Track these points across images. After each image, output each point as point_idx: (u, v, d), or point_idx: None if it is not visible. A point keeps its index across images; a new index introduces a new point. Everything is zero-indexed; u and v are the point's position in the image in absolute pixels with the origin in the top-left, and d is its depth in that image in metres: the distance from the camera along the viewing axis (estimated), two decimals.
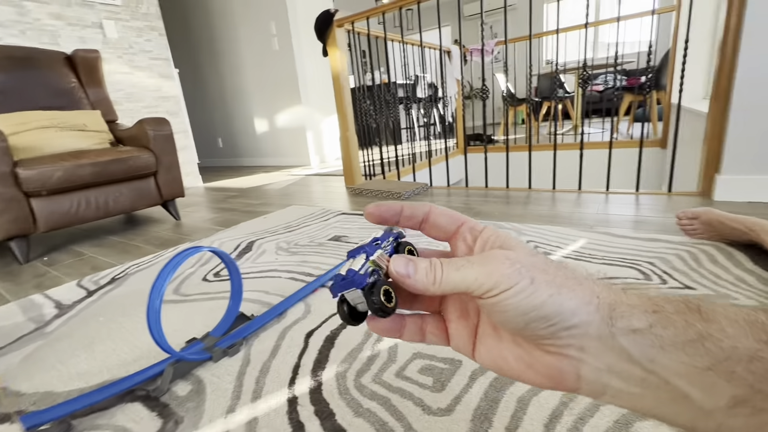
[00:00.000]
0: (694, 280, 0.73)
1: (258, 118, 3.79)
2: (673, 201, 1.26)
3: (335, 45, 1.96)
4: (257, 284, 0.93)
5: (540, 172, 2.68)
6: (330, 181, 2.49)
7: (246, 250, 1.21)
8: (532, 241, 1.01)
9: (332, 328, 0.70)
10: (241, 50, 3.63)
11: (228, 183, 2.87)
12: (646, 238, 0.95)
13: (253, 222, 1.56)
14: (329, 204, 1.78)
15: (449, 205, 1.52)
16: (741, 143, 1.13)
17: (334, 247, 1.15)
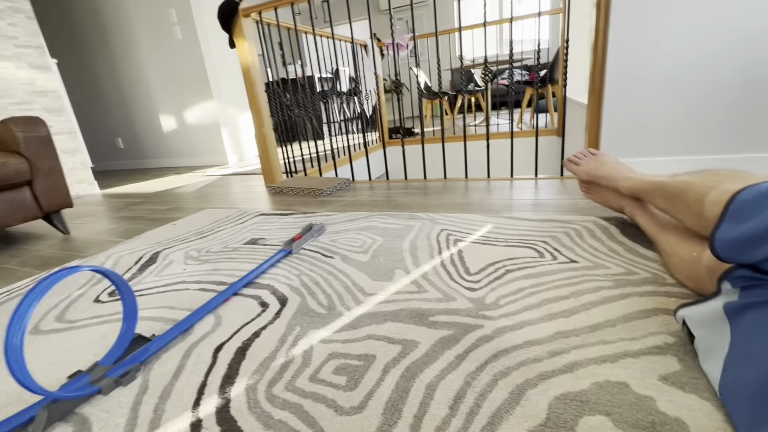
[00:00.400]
0: (577, 254, 0.83)
1: (164, 115, 3.44)
2: (565, 184, 1.42)
3: (242, 36, 1.85)
4: (161, 300, 0.85)
5: (456, 162, 2.83)
6: (249, 180, 2.37)
7: (149, 262, 1.09)
8: (446, 229, 1.06)
9: (244, 338, 0.66)
10: (137, 39, 3.25)
11: (131, 188, 2.58)
12: (541, 219, 1.06)
13: (160, 230, 1.42)
14: (248, 205, 1.69)
15: (371, 198, 1.54)
16: (614, 131, 1.31)
17: (249, 251, 1.09)
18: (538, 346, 0.56)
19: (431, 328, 0.63)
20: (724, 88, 1.18)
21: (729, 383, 0.41)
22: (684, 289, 0.65)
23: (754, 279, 0.44)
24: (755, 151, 1.21)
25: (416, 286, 0.78)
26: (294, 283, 0.85)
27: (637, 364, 0.50)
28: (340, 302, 0.75)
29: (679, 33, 1.17)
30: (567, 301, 0.66)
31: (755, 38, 1.12)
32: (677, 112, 1.24)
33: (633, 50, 1.23)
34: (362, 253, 0.97)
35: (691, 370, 0.48)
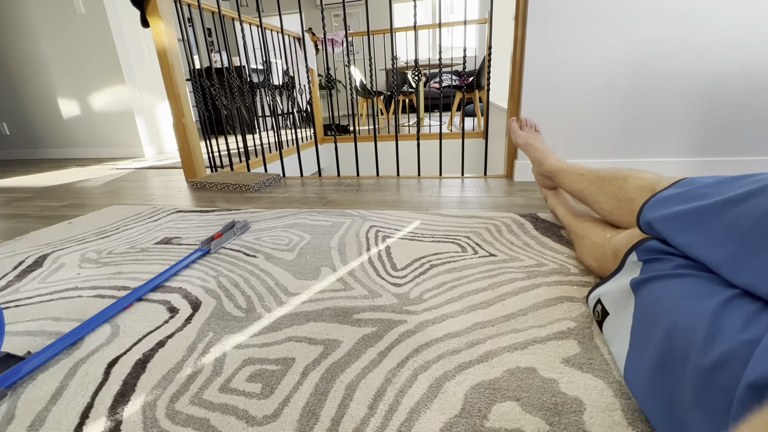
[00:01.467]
0: (496, 248, 0.87)
1: (64, 99, 3.00)
2: (488, 182, 1.50)
3: (158, 14, 1.67)
4: (44, 310, 0.73)
5: (390, 160, 2.87)
6: (168, 174, 2.16)
7: (33, 266, 0.93)
8: (375, 226, 1.06)
9: (146, 349, 0.59)
10: (27, 11, 2.79)
11: (18, 181, 2.21)
12: (466, 216, 1.10)
13: (52, 229, 1.22)
14: (164, 201, 1.53)
15: (302, 195, 1.49)
16: None
17: (161, 251, 0.98)
18: (458, 338, 0.57)
19: (355, 326, 0.61)
20: (618, 99, 1.34)
21: (630, 367, 0.44)
22: (585, 277, 0.72)
23: (659, 252, 0.49)
24: (644, 156, 1.38)
25: (342, 283, 0.76)
26: (210, 285, 0.78)
27: (543, 349, 0.53)
28: (261, 304, 0.70)
29: (581, 48, 1.30)
30: (485, 293, 0.69)
31: (643, 55, 1.28)
32: (579, 119, 1.37)
33: (545, 61, 1.34)
34: (288, 251, 0.93)
35: (589, 351, 0.53)
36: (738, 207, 0.39)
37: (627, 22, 1.25)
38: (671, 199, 0.50)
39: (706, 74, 1.26)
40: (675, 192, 0.51)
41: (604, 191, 0.70)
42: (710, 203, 0.43)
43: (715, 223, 0.41)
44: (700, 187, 0.47)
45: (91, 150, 3.11)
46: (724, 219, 0.40)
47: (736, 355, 0.30)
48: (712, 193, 0.44)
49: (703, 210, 0.43)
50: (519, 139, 1.13)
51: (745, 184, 0.41)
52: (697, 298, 0.38)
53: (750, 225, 0.37)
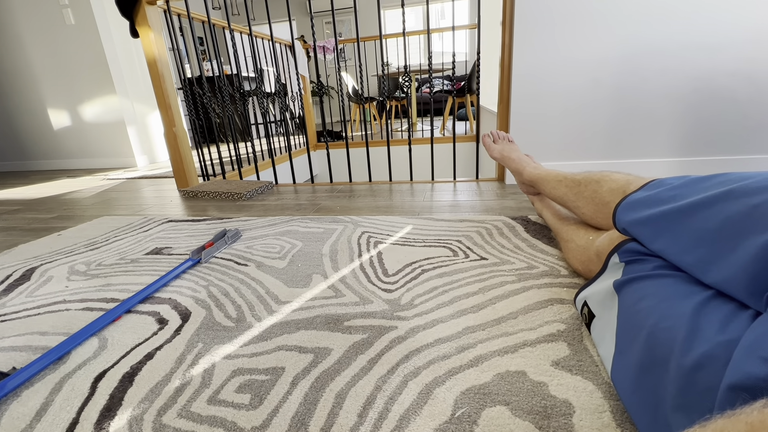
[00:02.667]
0: (487, 251, 0.87)
1: (55, 110, 2.99)
2: (480, 186, 1.51)
3: (147, 24, 1.67)
4: (30, 324, 0.72)
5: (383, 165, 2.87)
6: (160, 184, 2.15)
7: (21, 280, 0.92)
8: (367, 232, 1.06)
9: (134, 362, 0.58)
10: (15, 22, 2.78)
11: (7, 193, 2.18)
12: (457, 219, 1.10)
13: (40, 242, 1.21)
14: (155, 211, 1.52)
15: (295, 202, 1.48)
16: (520, 137, 1.42)
17: (151, 262, 0.98)
18: (448, 343, 0.57)
19: (345, 333, 0.61)
20: (605, 100, 1.35)
21: (617, 369, 0.44)
22: (575, 279, 0.72)
23: (638, 254, 0.49)
24: (632, 157, 1.40)
25: (333, 290, 0.76)
26: (200, 295, 0.78)
27: (533, 352, 0.54)
28: (251, 313, 0.70)
29: (568, 51, 1.32)
30: (476, 297, 0.69)
31: (628, 56, 1.29)
32: (568, 121, 1.39)
33: (533, 64, 1.35)
34: (279, 259, 0.92)
35: (579, 353, 0.53)
36: (703, 211, 0.40)
37: (611, 24, 1.27)
38: (641, 202, 0.51)
39: (688, 75, 1.29)
40: (645, 195, 0.52)
41: (581, 196, 0.71)
42: (678, 206, 0.44)
43: (683, 228, 0.42)
44: (668, 189, 0.49)
45: (82, 161, 3.09)
46: (691, 223, 0.41)
47: (716, 356, 0.31)
48: (679, 196, 0.45)
49: (671, 214, 0.44)
50: (494, 153, 1.14)
51: (711, 186, 0.42)
52: (676, 298, 0.39)
53: (714, 229, 0.38)
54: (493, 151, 1.15)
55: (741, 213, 0.36)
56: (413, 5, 6.18)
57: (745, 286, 0.34)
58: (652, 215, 0.47)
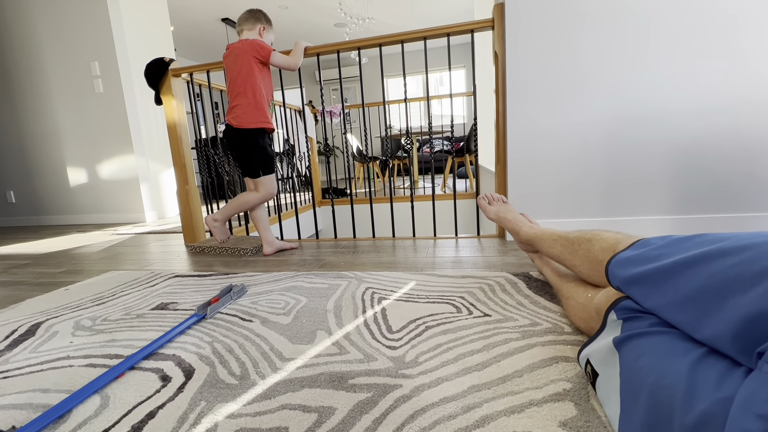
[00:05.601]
0: (491, 308, 0.88)
1: (73, 168, 3.14)
2: (482, 242, 1.54)
3: (171, 94, 1.83)
4: (33, 381, 0.71)
5: (386, 221, 2.93)
6: (167, 239, 2.19)
7: (26, 335, 0.93)
8: (371, 288, 1.07)
9: (134, 421, 0.58)
10: (49, 89, 3.04)
11: (18, 248, 2.23)
12: (460, 276, 1.12)
13: (47, 296, 1.22)
14: (162, 266, 1.54)
15: (299, 258, 1.51)
16: (518, 195, 1.48)
17: (156, 317, 0.98)
18: (454, 402, 0.56)
19: (350, 392, 0.61)
20: (594, 165, 1.43)
21: (624, 430, 0.44)
22: (578, 336, 0.72)
23: (634, 311, 0.51)
24: (625, 215, 1.44)
25: (338, 347, 0.76)
26: (204, 352, 0.78)
27: (540, 412, 0.53)
28: (255, 370, 0.69)
29: (557, 118, 1.42)
30: (480, 354, 0.69)
31: (614, 125, 1.39)
32: (562, 181, 1.46)
33: (526, 129, 1.45)
34: (284, 315, 0.93)
35: (586, 414, 0.52)
36: (686, 271, 0.44)
37: (600, 91, 1.39)
38: (630, 261, 0.54)
39: (676, 138, 1.37)
40: (633, 253, 0.55)
41: (577, 255, 0.73)
42: (662, 265, 0.47)
43: (670, 287, 0.45)
44: (653, 249, 0.52)
45: (93, 216, 3.18)
46: (677, 282, 0.44)
47: (715, 413, 0.32)
48: (663, 255, 0.49)
49: (657, 273, 0.47)
50: (490, 214, 1.20)
51: (691, 246, 0.46)
52: (672, 355, 0.40)
53: (698, 288, 0.41)
54: (489, 213, 1.20)
55: (720, 273, 0.39)
56: (413, 74, 6.69)
57: (733, 345, 0.35)
58: (641, 273, 0.50)
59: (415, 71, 6.58)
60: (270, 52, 1.51)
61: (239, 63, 1.49)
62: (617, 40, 1.35)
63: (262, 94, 1.52)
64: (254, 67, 1.49)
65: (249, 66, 1.48)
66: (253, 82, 1.49)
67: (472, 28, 1.50)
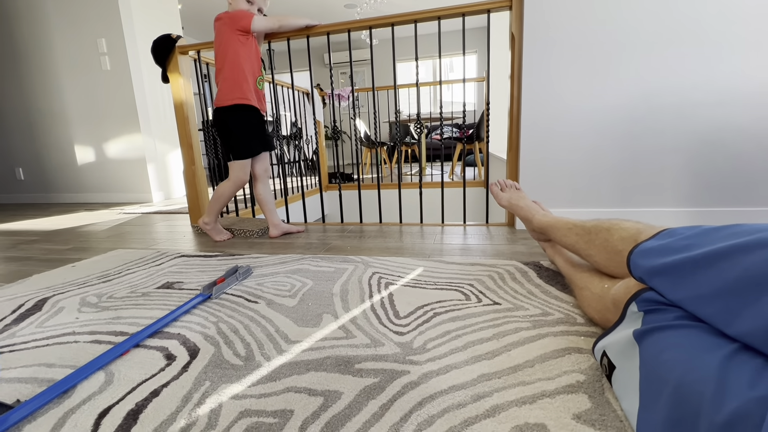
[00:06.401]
0: (500, 296, 0.86)
1: (81, 146, 3.14)
2: (490, 230, 1.51)
3: (178, 72, 1.80)
4: (39, 356, 0.71)
5: (393, 208, 2.91)
6: (174, 219, 2.19)
7: (33, 310, 0.93)
8: (378, 273, 1.05)
9: (139, 399, 0.57)
10: (56, 67, 3.01)
11: (26, 224, 2.24)
12: (468, 263, 1.10)
13: (54, 272, 1.22)
14: (168, 246, 1.54)
15: (305, 241, 1.50)
16: (530, 184, 1.45)
17: (162, 296, 0.98)
18: (463, 391, 0.55)
19: (356, 377, 0.59)
20: (613, 151, 1.38)
21: (642, 424, 0.42)
22: (592, 327, 0.70)
23: (657, 303, 0.49)
24: (641, 206, 1.40)
25: (344, 331, 0.74)
26: (209, 332, 0.77)
27: (553, 404, 0.51)
28: (260, 352, 0.68)
29: (574, 104, 1.37)
30: (490, 342, 0.67)
31: (632, 113, 1.34)
32: (577, 170, 1.42)
33: (540, 116, 1.41)
34: (290, 298, 0.92)
35: (601, 407, 0.50)
36: (720, 263, 0.41)
37: (617, 78, 1.34)
38: (655, 251, 0.51)
39: (695, 129, 1.32)
40: (658, 243, 0.52)
41: (593, 244, 0.71)
42: (693, 256, 0.44)
43: (701, 278, 0.42)
44: (681, 239, 0.49)
45: (101, 195, 3.19)
46: (708, 274, 0.41)
47: (749, 413, 0.30)
48: (693, 245, 0.46)
49: (687, 264, 0.44)
50: (503, 201, 1.16)
51: (723, 237, 0.43)
52: (701, 350, 0.38)
53: (733, 281, 0.38)
54: (501, 200, 1.17)
55: (756, 265, 0.36)
56: (424, 59, 6.56)
57: None
58: (668, 264, 0.47)
59: (424, 56, 6.45)
60: (249, 20, 1.39)
61: (218, 40, 1.42)
62: (639, 26, 1.29)
63: (241, 69, 1.41)
64: (234, 41, 1.40)
65: (227, 40, 1.40)
66: (231, 58, 1.40)
67: (489, 8, 1.44)
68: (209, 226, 1.57)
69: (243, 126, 1.46)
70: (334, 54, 6.59)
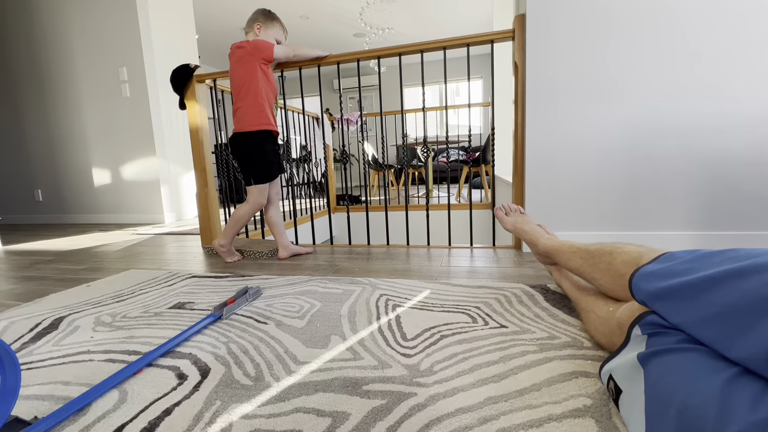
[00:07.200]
0: (507, 319, 0.87)
1: (98, 169, 3.24)
2: (497, 253, 1.52)
3: (194, 99, 1.88)
4: (55, 374, 0.73)
5: (400, 229, 2.93)
6: (185, 240, 2.23)
7: (49, 329, 0.95)
8: (385, 295, 1.07)
9: (151, 417, 0.58)
10: (78, 94, 3.16)
11: (43, 245, 2.30)
12: (475, 286, 1.11)
13: (70, 292, 1.26)
14: (179, 266, 1.57)
15: (313, 262, 1.52)
16: (535, 207, 1.47)
17: (174, 316, 1.00)
18: (470, 414, 0.55)
19: (364, 398, 0.60)
20: (614, 177, 1.40)
21: None
22: (599, 351, 0.71)
23: (660, 327, 0.49)
24: (646, 229, 1.41)
25: (352, 352, 0.75)
26: (220, 352, 0.78)
27: (560, 428, 0.51)
28: (269, 372, 0.70)
29: (577, 130, 1.41)
30: (497, 366, 0.68)
31: (635, 139, 1.37)
32: (582, 193, 1.43)
33: (545, 140, 1.44)
34: (298, 319, 0.93)
35: (608, 431, 0.50)
36: (718, 287, 0.42)
37: (620, 103, 1.37)
38: (655, 275, 0.53)
39: (697, 154, 1.34)
40: (658, 267, 0.53)
41: (597, 268, 0.72)
42: (691, 280, 0.45)
43: (700, 303, 0.43)
44: (681, 263, 0.50)
45: (115, 216, 3.26)
46: (707, 298, 0.42)
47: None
48: (692, 269, 0.47)
49: (686, 288, 0.45)
50: (507, 225, 1.18)
51: (722, 261, 0.44)
52: (703, 373, 0.39)
53: (731, 305, 0.39)
54: (506, 224, 1.19)
55: (755, 289, 0.38)
56: (430, 84, 6.73)
57: None
58: (668, 288, 0.48)
59: (430, 81, 6.61)
60: (271, 51, 1.47)
61: (242, 66, 1.48)
62: (640, 52, 1.34)
63: (264, 97, 1.49)
64: (258, 70, 1.47)
65: (252, 68, 1.47)
66: (255, 85, 1.47)
67: (493, 39, 1.50)
68: (224, 249, 1.59)
69: (266, 151, 1.51)
70: (342, 80, 6.80)
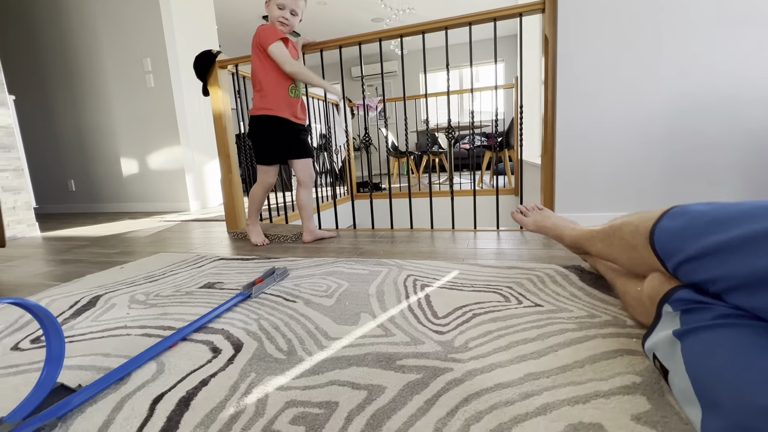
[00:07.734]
0: (542, 298, 0.84)
1: (126, 159, 3.34)
2: (525, 236, 1.48)
3: (217, 85, 1.89)
4: (95, 346, 0.75)
5: (421, 216, 2.90)
6: (211, 226, 2.28)
7: (87, 306, 0.98)
8: (412, 275, 1.05)
9: (189, 387, 0.59)
10: (106, 85, 3.24)
11: (77, 231, 2.39)
12: (505, 266, 1.08)
13: (105, 273, 1.30)
14: (207, 250, 1.60)
15: (338, 246, 1.51)
16: (565, 189, 1.41)
17: (204, 295, 1.01)
18: (510, 389, 0.53)
19: (399, 372, 0.59)
20: (652, 155, 1.33)
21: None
22: (643, 330, 0.67)
23: (693, 302, 0.46)
24: None
25: (383, 329, 0.74)
26: (251, 328, 0.79)
27: (608, 404, 0.49)
28: (301, 347, 0.69)
29: (611, 107, 1.34)
30: (534, 343, 0.65)
31: (675, 114, 1.29)
32: (616, 172, 1.37)
33: (576, 119, 1.38)
34: (327, 297, 0.93)
35: (662, 409, 0.47)
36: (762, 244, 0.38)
37: (658, 78, 1.29)
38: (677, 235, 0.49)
39: (743, 127, 1.25)
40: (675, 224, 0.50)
41: (615, 247, 0.68)
42: (730, 241, 0.41)
43: (747, 266, 0.39)
44: (698, 217, 0.47)
45: (143, 204, 3.36)
46: (758, 262, 0.38)
47: None
48: (719, 226, 0.43)
49: (724, 250, 0.41)
50: (529, 226, 1.13)
51: (750, 216, 0.40)
52: (756, 354, 0.36)
53: None
54: (528, 224, 1.13)
55: None
56: (451, 68, 6.59)
57: None
58: (701, 252, 0.44)
59: (451, 66, 6.48)
60: (267, 42, 1.39)
61: (252, 53, 1.49)
62: (681, 18, 1.25)
63: (270, 81, 1.46)
64: (260, 55, 1.45)
65: (256, 54, 1.47)
66: (262, 71, 1.46)
67: (521, 11, 1.43)
68: (249, 227, 1.67)
69: (261, 136, 1.54)
70: (353, 67, 6.74)
